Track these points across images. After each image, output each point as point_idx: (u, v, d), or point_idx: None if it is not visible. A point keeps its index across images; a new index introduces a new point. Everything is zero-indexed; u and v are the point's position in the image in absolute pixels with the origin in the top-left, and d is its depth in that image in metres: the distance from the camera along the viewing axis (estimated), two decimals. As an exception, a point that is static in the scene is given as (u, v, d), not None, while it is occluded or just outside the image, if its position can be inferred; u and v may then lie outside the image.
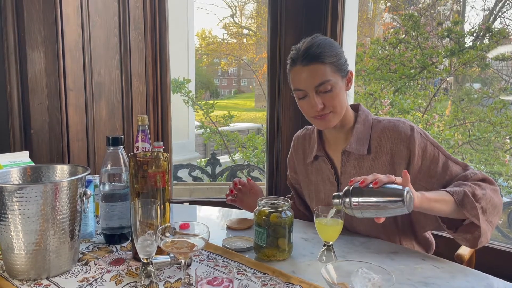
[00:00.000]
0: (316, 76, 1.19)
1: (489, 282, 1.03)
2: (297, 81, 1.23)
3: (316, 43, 1.21)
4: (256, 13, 10.37)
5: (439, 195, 1.09)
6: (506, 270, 1.79)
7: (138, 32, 2.22)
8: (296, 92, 1.25)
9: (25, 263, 0.98)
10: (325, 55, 1.19)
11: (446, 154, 1.23)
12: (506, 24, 4.44)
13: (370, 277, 0.76)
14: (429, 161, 1.21)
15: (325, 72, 1.19)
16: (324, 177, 1.36)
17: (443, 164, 1.21)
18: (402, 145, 1.22)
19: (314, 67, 1.19)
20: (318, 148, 1.36)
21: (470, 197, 1.09)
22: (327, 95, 1.21)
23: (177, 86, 4.11)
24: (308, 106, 1.23)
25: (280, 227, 1.10)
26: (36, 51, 1.96)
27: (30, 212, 0.95)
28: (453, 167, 1.21)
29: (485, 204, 1.11)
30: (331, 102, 1.21)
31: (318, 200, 1.39)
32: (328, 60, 1.19)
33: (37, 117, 1.99)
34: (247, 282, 0.94)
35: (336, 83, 1.21)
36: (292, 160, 1.50)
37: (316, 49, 1.19)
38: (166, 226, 0.94)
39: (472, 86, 4.72)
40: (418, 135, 1.22)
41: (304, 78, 1.20)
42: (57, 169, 1.16)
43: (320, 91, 1.20)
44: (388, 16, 5.83)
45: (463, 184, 1.14)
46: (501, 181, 3.58)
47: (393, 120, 1.28)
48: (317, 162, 1.38)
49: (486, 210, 1.12)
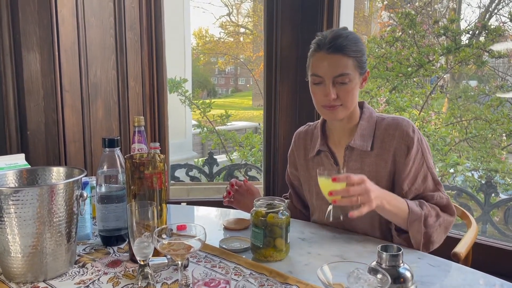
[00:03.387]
0: (338, 67, 1.22)
1: (485, 280, 1.03)
2: (317, 67, 1.25)
3: (344, 35, 1.23)
4: (253, 11, 10.35)
5: (397, 207, 1.19)
6: (503, 268, 1.80)
7: (134, 33, 2.22)
8: (312, 77, 1.27)
9: (21, 266, 0.98)
10: (351, 48, 1.22)
11: (429, 166, 1.28)
12: (502, 22, 4.44)
13: (366, 277, 0.76)
14: (415, 166, 1.26)
15: (347, 64, 1.22)
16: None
17: (424, 176, 1.27)
18: (403, 143, 1.26)
19: (337, 57, 1.22)
20: (321, 143, 1.37)
21: (422, 223, 1.19)
22: (342, 87, 1.23)
23: (174, 85, 4.10)
24: (321, 93, 1.25)
25: (277, 228, 1.10)
26: (31, 52, 1.95)
27: (26, 215, 0.95)
28: (429, 182, 1.28)
29: (431, 232, 1.22)
30: (345, 95, 1.24)
31: (318, 195, 1.40)
32: (352, 54, 1.22)
33: (33, 119, 1.99)
34: (244, 283, 0.94)
35: (353, 78, 1.24)
36: (293, 156, 1.51)
37: (343, 41, 1.22)
38: (163, 228, 0.94)
39: (469, 84, 4.72)
40: (417, 139, 1.26)
41: (325, 65, 1.23)
42: (53, 172, 1.15)
43: (337, 82, 1.23)
44: (384, 14, 5.83)
45: (424, 205, 1.22)
46: (498, 178, 3.59)
47: (396, 118, 1.31)
48: (319, 157, 1.39)
49: (430, 236, 1.22)
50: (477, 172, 3.69)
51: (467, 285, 1.00)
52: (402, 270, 0.89)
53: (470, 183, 3.63)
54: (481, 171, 3.67)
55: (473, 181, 3.63)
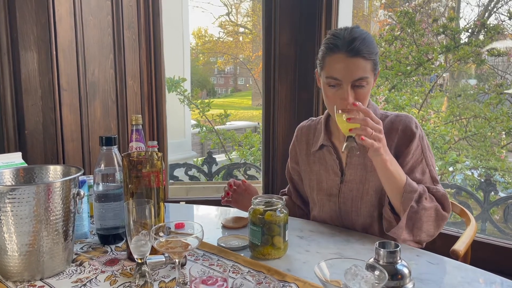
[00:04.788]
0: (358, 70, 1.18)
1: (484, 278, 1.03)
2: (335, 70, 1.20)
3: (361, 36, 1.19)
4: (252, 11, 10.34)
5: (398, 172, 1.17)
6: (502, 266, 1.80)
7: (132, 31, 2.21)
8: (328, 79, 1.22)
9: (18, 264, 0.98)
10: (370, 51, 1.19)
11: (428, 163, 1.27)
12: (501, 20, 4.44)
13: (363, 274, 0.76)
14: (413, 160, 1.26)
15: (366, 68, 1.19)
16: (328, 167, 1.37)
17: (422, 171, 1.27)
18: (405, 137, 1.26)
19: (357, 60, 1.18)
20: (324, 137, 1.37)
21: (414, 198, 1.16)
22: (359, 91, 1.21)
23: (173, 85, 4.10)
24: (336, 96, 1.21)
25: (275, 225, 1.09)
26: (29, 51, 1.95)
27: (23, 213, 0.95)
28: (427, 178, 1.27)
29: (421, 214, 1.17)
30: (361, 99, 1.22)
31: (319, 189, 1.40)
32: (371, 57, 1.20)
33: (31, 118, 1.98)
34: (241, 281, 0.94)
35: (370, 81, 1.22)
36: (294, 150, 1.51)
37: (362, 43, 1.18)
38: (160, 226, 0.94)
39: (468, 82, 4.72)
40: (418, 135, 1.26)
41: (345, 68, 1.19)
42: (50, 170, 1.15)
43: (355, 86, 1.20)
44: (383, 13, 5.83)
45: (422, 187, 1.20)
46: (497, 176, 3.59)
47: (400, 114, 1.31)
48: (321, 152, 1.39)
49: (419, 219, 1.17)
50: (476, 170, 3.69)
51: (466, 282, 1.00)
52: (399, 266, 0.88)
53: (470, 182, 3.63)
54: (481, 170, 3.68)
55: (473, 179, 3.63)
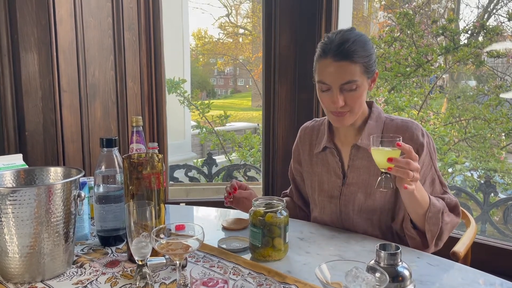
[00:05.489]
0: (345, 74, 1.18)
1: (484, 279, 1.03)
2: (323, 74, 1.22)
3: (351, 39, 1.19)
4: (252, 12, 10.35)
5: (422, 195, 1.16)
6: (502, 267, 1.80)
7: (132, 33, 2.22)
8: (319, 84, 1.24)
9: (19, 266, 0.98)
10: (358, 54, 1.18)
11: (436, 169, 1.28)
12: (500, 22, 4.44)
13: (364, 276, 0.76)
14: (424, 169, 1.25)
15: (354, 72, 1.19)
16: (330, 169, 1.37)
17: (432, 179, 1.27)
18: (412, 146, 1.22)
19: (344, 64, 1.18)
20: (327, 139, 1.37)
21: (440, 216, 1.17)
22: (350, 94, 1.21)
23: (173, 86, 4.10)
24: (328, 100, 1.23)
25: (275, 227, 1.09)
26: (29, 52, 1.95)
27: (23, 215, 0.95)
28: (437, 186, 1.28)
29: (444, 228, 1.20)
30: (352, 102, 1.22)
31: (321, 191, 1.40)
32: (360, 60, 1.19)
33: (32, 119, 1.98)
34: (242, 283, 0.94)
35: (361, 84, 1.21)
36: (297, 150, 1.50)
37: (351, 46, 1.17)
38: (161, 228, 0.94)
39: (468, 84, 4.73)
40: (426, 142, 1.25)
41: (332, 73, 1.19)
42: (50, 172, 1.15)
43: (345, 89, 1.20)
44: (383, 15, 5.84)
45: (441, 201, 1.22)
46: (497, 178, 3.60)
47: (406, 120, 1.30)
48: (324, 154, 1.39)
49: (442, 233, 1.21)
50: (476, 171, 3.69)
51: (466, 284, 1.00)
52: (400, 268, 0.88)
53: (470, 183, 3.64)
54: (480, 171, 3.68)
55: (472, 180, 3.63)
